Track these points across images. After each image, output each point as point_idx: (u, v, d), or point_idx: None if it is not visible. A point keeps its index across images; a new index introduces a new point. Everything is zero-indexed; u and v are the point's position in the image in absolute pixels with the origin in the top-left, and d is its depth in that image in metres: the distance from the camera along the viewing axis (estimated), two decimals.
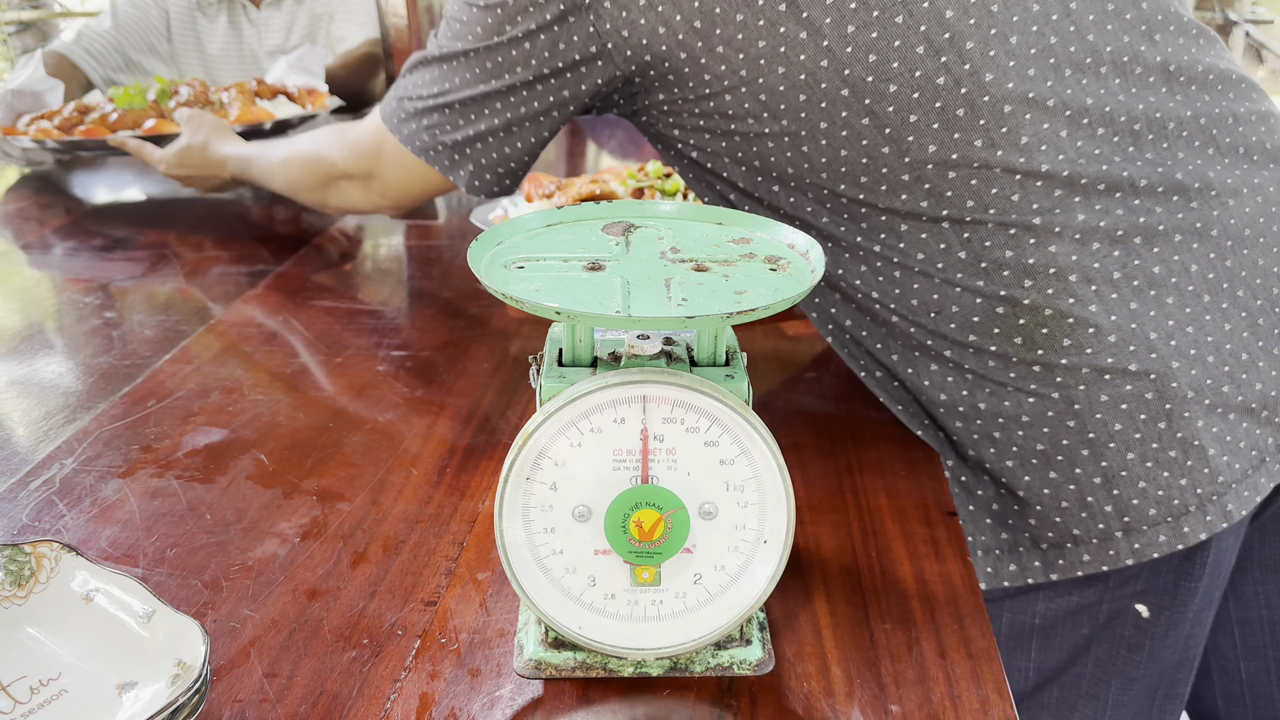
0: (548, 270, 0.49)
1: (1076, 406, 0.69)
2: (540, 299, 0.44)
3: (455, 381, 0.81)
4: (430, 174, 0.86)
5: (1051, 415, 0.70)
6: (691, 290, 0.47)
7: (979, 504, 0.75)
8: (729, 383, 0.48)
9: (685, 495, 0.47)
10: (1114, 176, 0.67)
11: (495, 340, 0.89)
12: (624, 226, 0.55)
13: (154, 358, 0.85)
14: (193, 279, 1.03)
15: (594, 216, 0.56)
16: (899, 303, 0.72)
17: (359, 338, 0.89)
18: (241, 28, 1.90)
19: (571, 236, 0.54)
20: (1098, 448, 0.70)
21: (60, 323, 0.92)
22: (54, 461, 0.69)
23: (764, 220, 0.55)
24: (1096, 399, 0.69)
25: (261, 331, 0.90)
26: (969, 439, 0.73)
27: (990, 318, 0.70)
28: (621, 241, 0.53)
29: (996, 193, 0.67)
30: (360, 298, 0.98)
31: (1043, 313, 0.68)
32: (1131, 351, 0.68)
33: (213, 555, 0.59)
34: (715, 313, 0.43)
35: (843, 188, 0.70)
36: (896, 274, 0.72)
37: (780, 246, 0.52)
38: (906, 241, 0.70)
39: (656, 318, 0.42)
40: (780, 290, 0.46)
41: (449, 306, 0.96)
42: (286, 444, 0.72)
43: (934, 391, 0.73)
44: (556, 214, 0.56)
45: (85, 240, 1.15)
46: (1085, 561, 0.72)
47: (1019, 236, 0.68)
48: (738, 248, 0.52)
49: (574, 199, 1.35)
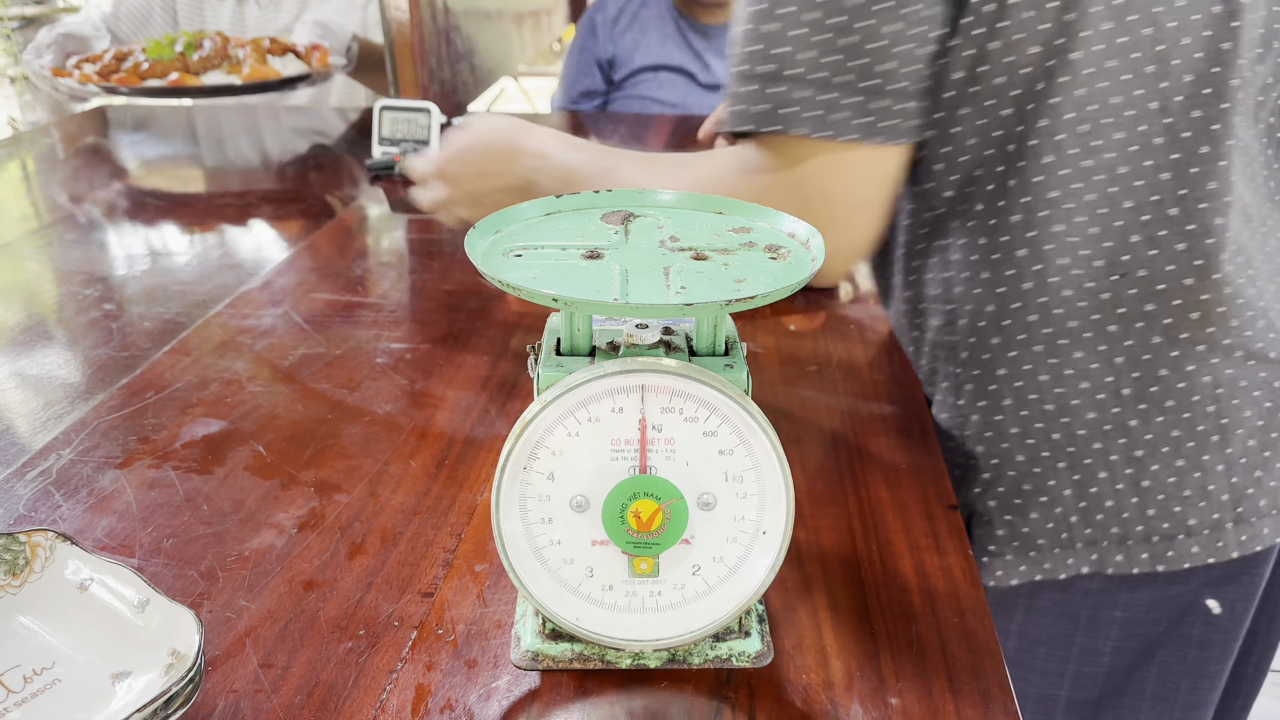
0: (546, 259, 0.49)
1: (1220, 390, 0.68)
2: (537, 286, 0.44)
3: (455, 374, 0.81)
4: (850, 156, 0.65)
5: (1197, 400, 0.69)
6: (690, 279, 0.46)
7: (1062, 499, 0.74)
8: (728, 372, 0.48)
9: (684, 485, 0.47)
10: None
11: (495, 333, 0.89)
12: (623, 215, 0.55)
13: (153, 349, 0.85)
14: (193, 272, 1.02)
15: (593, 205, 0.56)
16: (1085, 265, 0.68)
17: (359, 330, 0.89)
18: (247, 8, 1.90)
19: (570, 225, 0.53)
20: (1227, 434, 0.69)
21: (60, 314, 0.92)
22: (51, 452, 0.69)
23: (764, 210, 0.54)
24: (1237, 384, 0.68)
25: (261, 324, 0.90)
26: (1098, 431, 0.71)
27: (1177, 288, 0.67)
28: (620, 230, 0.53)
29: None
30: (361, 291, 0.98)
31: (1224, 288, 0.66)
32: (1272, 338, 0.67)
33: (209, 546, 0.59)
34: (713, 300, 0.42)
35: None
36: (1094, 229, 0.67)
37: (781, 235, 0.52)
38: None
39: (654, 305, 0.42)
40: (780, 278, 0.46)
41: (449, 300, 0.96)
42: (285, 435, 0.71)
43: (1075, 381, 0.70)
44: (555, 203, 0.55)
45: (86, 233, 1.15)
46: (1194, 553, 0.72)
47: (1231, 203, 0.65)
48: (738, 237, 0.52)
49: None
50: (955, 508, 0.63)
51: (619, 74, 2.06)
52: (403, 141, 1.40)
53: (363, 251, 1.11)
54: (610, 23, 2.07)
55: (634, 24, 2.05)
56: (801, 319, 0.92)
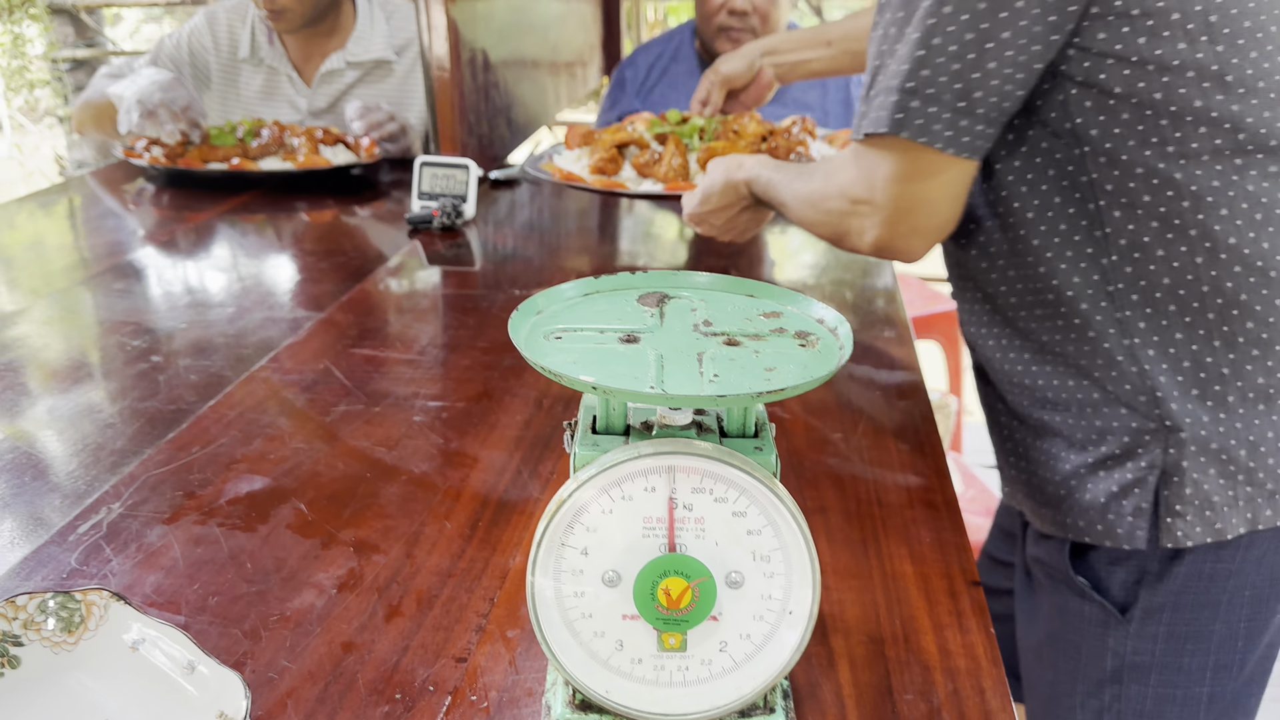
0: (584, 341, 0.51)
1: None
2: (576, 373, 0.46)
3: (489, 434, 0.83)
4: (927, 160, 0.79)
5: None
6: (723, 366, 0.48)
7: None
8: (757, 455, 0.50)
9: (712, 564, 0.49)
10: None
11: (528, 392, 0.91)
12: (659, 297, 0.57)
13: (198, 403, 0.88)
14: (237, 324, 1.06)
15: (630, 286, 0.58)
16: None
17: (397, 387, 0.91)
18: (281, 82, 1.96)
19: (608, 306, 0.56)
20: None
21: (110, 365, 0.95)
22: (101, 506, 0.71)
23: (794, 294, 0.56)
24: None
25: (303, 379, 0.93)
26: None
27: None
28: (656, 313, 0.55)
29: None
30: (400, 346, 1.01)
31: None
32: None
33: (253, 605, 0.61)
34: (745, 392, 0.44)
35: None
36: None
37: (809, 321, 0.54)
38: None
39: (689, 395, 0.44)
40: (809, 369, 0.48)
41: (484, 357, 0.98)
42: (325, 494, 0.74)
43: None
44: (594, 283, 0.58)
45: (134, 282, 1.19)
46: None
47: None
48: (769, 321, 0.54)
49: (607, 145, 1.45)
50: (978, 584, 0.65)
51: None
52: (441, 196, 1.44)
53: (401, 306, 1.14)
54: (640, 78, 2.11)
55: (663, 79, 2.09)
56: (822, 389, 0.94)
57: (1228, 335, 0.78)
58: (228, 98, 1.97)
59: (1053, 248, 0.82)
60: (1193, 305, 0.78)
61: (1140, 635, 0.86)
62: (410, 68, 1.93)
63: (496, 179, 1.68)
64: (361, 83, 1.92)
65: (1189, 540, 0.81)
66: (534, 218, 1.57)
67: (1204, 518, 0.81)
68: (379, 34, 1.90)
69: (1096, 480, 0.85)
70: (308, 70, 1.94)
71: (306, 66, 1.94)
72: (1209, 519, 0.81)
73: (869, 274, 1.27)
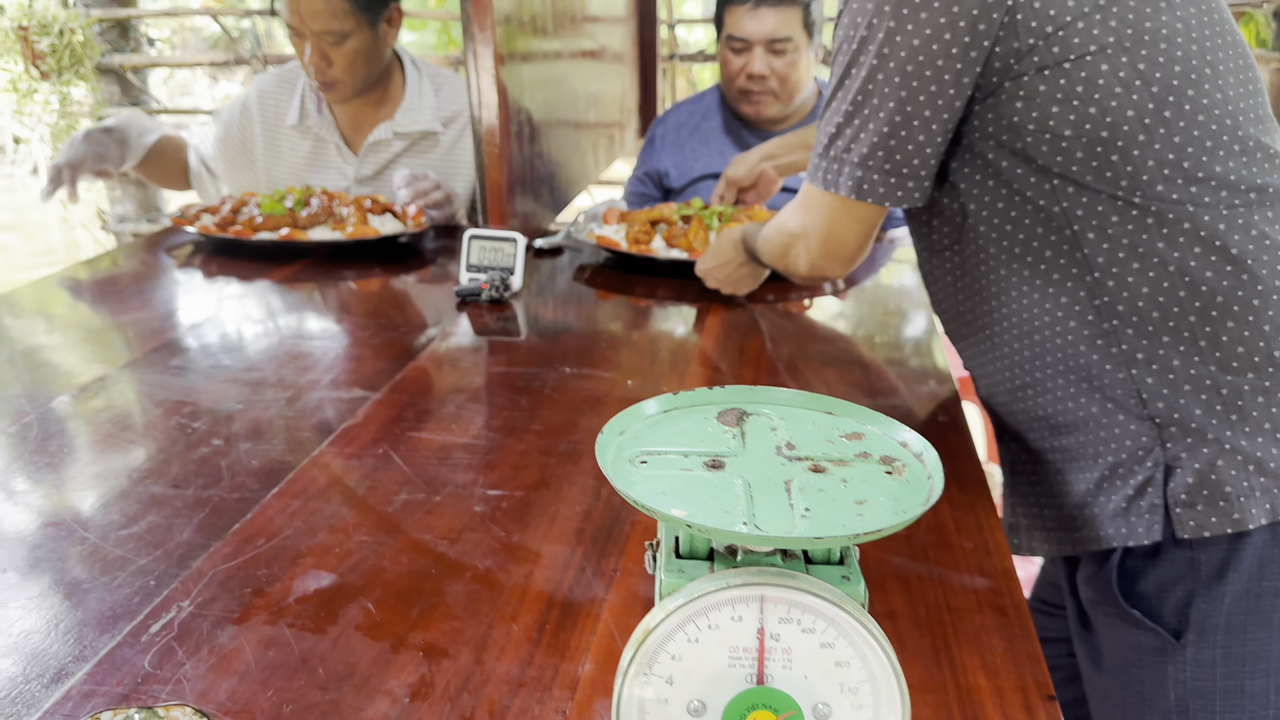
0: (669, 467, 0.51)
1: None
2: (668, 507, 0.46)
3: (549, 526, 0.83)
4: (845, 207, 0.99)
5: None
6: (812, 497, 0.48)
7: None
8: (845, 585, 0.49)
9: (800, 696, 0.48)
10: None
11: (586, 481, 0.91)
12: (737, 414, 0.57)
13: (261, 491, 0.88)
14: (295, 405, 1.07)
15: (708, 402, 0.59)
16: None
17: (455, 474, 0.92)
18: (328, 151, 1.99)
19: (689, 426, 0.56)
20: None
21: (172, 450, 0.96)
22: (172, 604, 0.72)
23: (874, 414, 0.56)
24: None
25: (363, 465, 0.93)
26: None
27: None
28: (737, 433, 0.55)
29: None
30: (455, 429, 1.02)
31: None
32: None
33: (327, 714, 0.61)
34: (841, 534, 0.44)
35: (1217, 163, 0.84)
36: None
37: (893, 445, 0.54)
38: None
39: (782, 536, 0.44)
40: (900, 503, 0.48)
41: (540, 441, 0.99)
42: (392, 591, 0.74)
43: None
44: (673, 399, 0.58)
45: (189, 358, 1.21)
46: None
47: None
48: (850, 445, 0.54)
49: (642, 221, 1.71)
50: (1053, 698, 0.64)
51: (678, 182, 2.12)
52: (489, 269, 1.46)
53: (455, 385, 1.15)
54: (670, 135, 2.14)
55: (694, 135, 2.12)
56: None
57: (1211, 335, 0.84)
58: (275, 163, 2.01)
59: (1040, 275, 0.91)
60: (1173, 310, 0.85)
61: (1198, 661, 0.87)
62: (456, 138, 1.96)
63: (541, 248, 1.70)
64: (408, 153, 1.96)
65: (1205, 530, 0.85)
66: (578, 288, 1.59)
67: (1218, 508, 0.84)
68: (427, 106, 1.94)
69: (1113, 490, 0.90)
70: (355, 139, 1.97)
71: (354, 136, 1.98)
72: (1224, 509, 0.84)
73: (920, 352, 1.27)
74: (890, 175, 0.92)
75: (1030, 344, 0.94)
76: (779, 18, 1.91)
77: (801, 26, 1.93)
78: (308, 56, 1.78)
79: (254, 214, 1.69)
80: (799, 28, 1.93)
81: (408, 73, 1.96)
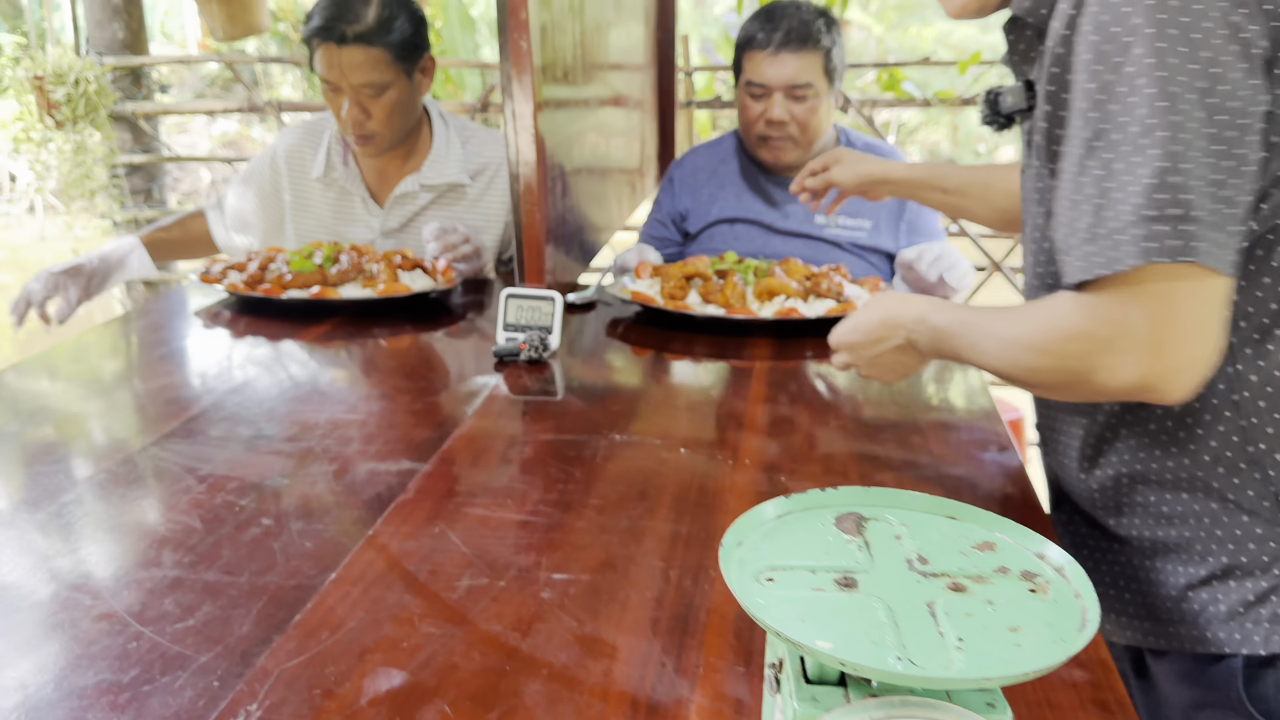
0: (799, 586, 0.48)
1: None
2: (811, 639, 0.43)
3: (622, 614, 0.80)
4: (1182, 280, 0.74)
5: None
6: (961, 624, 0.45)
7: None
8: (990, 713, 0.46)
9: None
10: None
11: (652, 561, 0.88)
12: (856, 520, 0.54)
13: (319, 576, 0.85)
14: (342, 479, 1.04)
15: (823, 505, 0.56)
16: None
17: (517, 555, 0.89)
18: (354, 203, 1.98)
19: (807, 533, 0.53)
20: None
21: (222, 531, 0.93)
22: (239, 708, 0.69)
23: (1000, 520, 0.54)
24: None
25: (421, 546, 0.90)
26: None
27: None
28: (860, 543, 0.52)
29: None
30: (510, 504, 0.99)
31: None
32: None
33: None
34: (1008, 674, 0.42)
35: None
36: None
37: (1029, 557, 0.51)
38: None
39: (947, 678, 0.41)
40: (1055, 629, 0.45)
41: (599, 518, 0.96)
42: (467, 692, 0.70)
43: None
44: (786, 504, 0.55)
45: (229, 427, 1.18)
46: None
47: None
48: (985, 558, 0.51)
49: (677, 276, 1.66)
50: None
51: (695, 225, 2.10)
52: (527, 329, 1.43)
53: (503, 455, 1.12)
54: (687, 178, 2.12)
55: (712, 179, 2.10)
56: None
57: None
58: (303, 217, 1.99)
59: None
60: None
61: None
62: (484, 190, 1.95)
63: (573, 303, 1.67)
64: (434, 205, 1.94)
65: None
66: (612, 344, 1.56)
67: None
68: (454, 159, 1.93)
69: (1226, 591, 0.85)
70: (381, 192, 1.96)
71: (380, 188, 1.96)
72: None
73: (974, 412, 1.25)
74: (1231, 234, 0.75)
75: (1149, 432, 0.86)
76: (799, 63, 1.89)
77: (822, 72, 1.92)
78: (345, 111, 1.77)
79: (283, 271, 1.66)
80: (820, 73, 1.91)
81: (435, 125, 1.95)
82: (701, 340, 1.56)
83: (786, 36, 1.87)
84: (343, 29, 1.70)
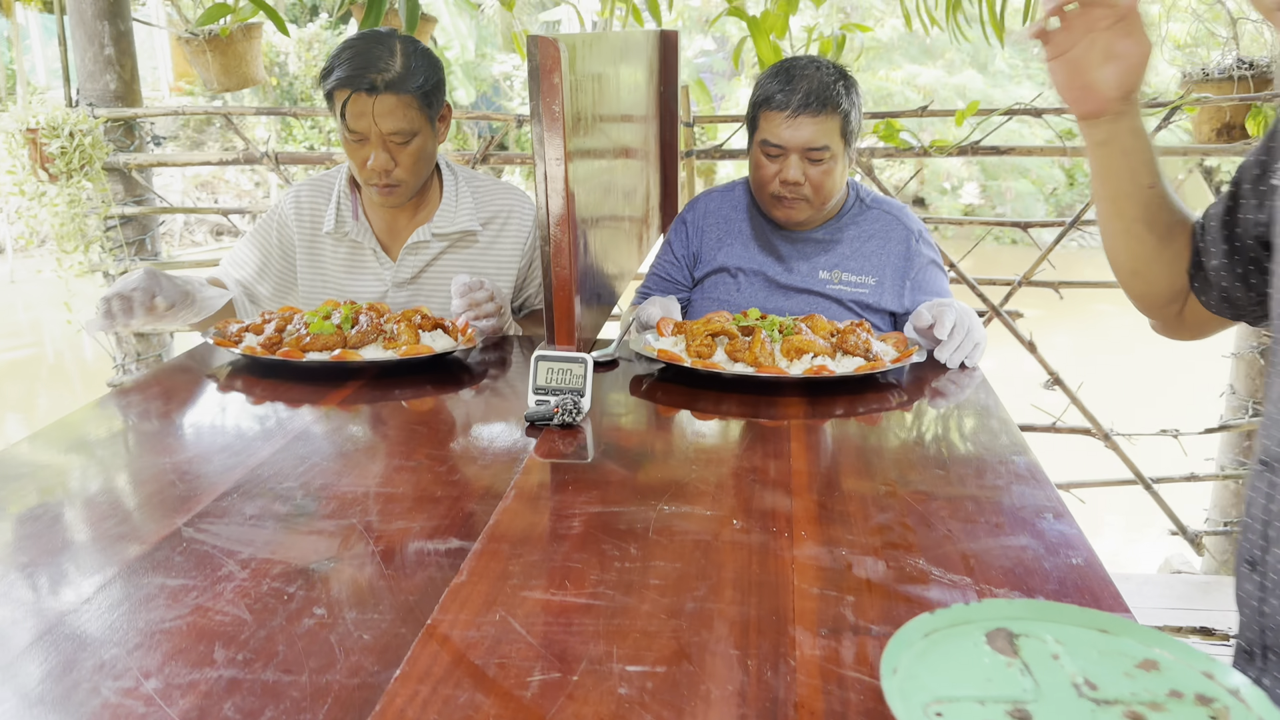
0: (971, 719, 0.46)
1: None
2: None
3: (707, 711, 0.77)
4: None
5: None
6: None
7: None
8: None
9: None
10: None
11: (726, 650, 0.85)
12: (1007, 637, 0.52)
13: (381, 673, 0.81)
14: (391, 562, 1.00)
15: (967, 620, 0.53)
16: None
17: (585, 645, 0.85)
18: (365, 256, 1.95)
19: (961, 655, 0.50)
20: None
21: (274, 623, 0.89)
22: None
23: (1153, 633, 0.51)
24: None
25: (484, 636, 0.87)
26: None
27: None
28: (1019, 665, 0.50)
29: None
30: (569, 587, 0.95)
31: None
32: None
33: None
34: None
35: None
36: None
37: (1198, 677, 0.49)
38: None
39: None
40: None
41: (662, 600, 0.93)
42: None
43: None
44: (931, 620, 0.52)
45: (266, 504, 1.14)
46: None
47: None
48: (1153, 679, 0.48)
49: (702, 334, 1.64)
50: None
51: (700, 270, 2.09)
52: (558, 392, 1.40)
53: (553, 530, 1.08)
54: (699, 220, 2.11)
55: (721, 225, 2.09)
56: None
57: None
58: (314, 272, 1.96)
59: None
60: None
61: None
62: (495, 237, 1.93)
63: (598, 360, 1.65)
64: (447, 253, 1.92)
65: None
66: (639, 403, 1.54)
67: None
68: (464, 208, 1.91)
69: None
70: (392, 245, 1.93)
71: (391, 241, 1.93)
72: None
73: (1017, 471, 1.23)
74: None
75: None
76: (817, 127, 1.87)
77: (840, 135, 1.89)
78: (370, 162, 1.74)
79: (301, 332, 1.63)
80: (837, 136, 1.89)
81: (444, 177, 1.93)
82: (729, 399, 1.54)
83: (805, 99, 1.85)
84: (372, 78, 1.68)
